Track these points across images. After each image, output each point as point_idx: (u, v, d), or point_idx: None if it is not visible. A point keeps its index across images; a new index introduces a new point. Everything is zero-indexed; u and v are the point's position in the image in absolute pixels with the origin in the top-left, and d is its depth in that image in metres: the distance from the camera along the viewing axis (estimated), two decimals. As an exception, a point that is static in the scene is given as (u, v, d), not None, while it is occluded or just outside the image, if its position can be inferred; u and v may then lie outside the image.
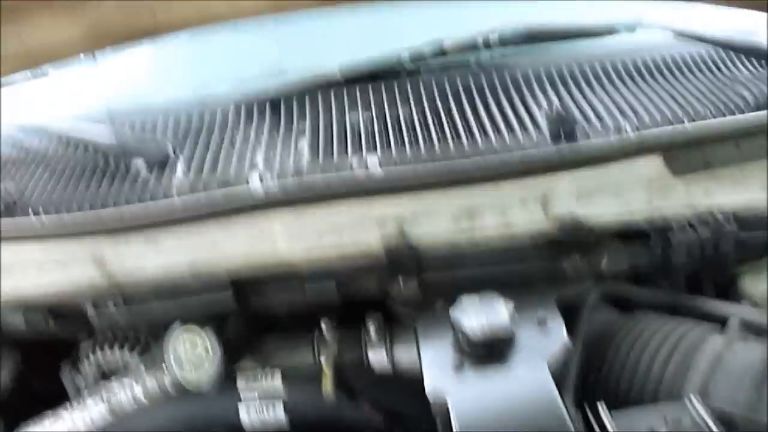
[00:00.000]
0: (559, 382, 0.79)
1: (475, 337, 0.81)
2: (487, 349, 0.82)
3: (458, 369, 0.82)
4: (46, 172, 1.10)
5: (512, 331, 0.82)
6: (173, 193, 0.98)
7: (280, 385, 0.97)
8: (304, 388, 0.96)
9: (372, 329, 0.97)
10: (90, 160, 1.09)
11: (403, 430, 0.99)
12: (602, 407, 0.75)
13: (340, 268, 0.94)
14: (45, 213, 1.00)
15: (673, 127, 0.98)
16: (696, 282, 1.02)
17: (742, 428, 0.74)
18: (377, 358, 0.97)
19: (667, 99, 1.06)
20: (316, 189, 0.93)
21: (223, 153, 1.06)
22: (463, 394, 0.78)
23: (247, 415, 0.94)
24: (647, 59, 1.16)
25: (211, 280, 0.95)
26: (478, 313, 0.83)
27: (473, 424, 0.75)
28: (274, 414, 0.94)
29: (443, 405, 0.78)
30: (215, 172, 1.01)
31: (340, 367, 0.97)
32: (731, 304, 0.94)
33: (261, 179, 0.97)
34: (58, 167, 1.10)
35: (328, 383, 0.96)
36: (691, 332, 0.86)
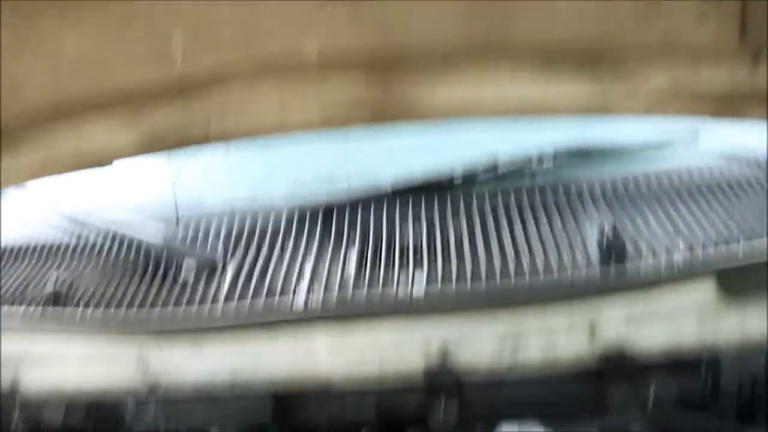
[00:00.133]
0: None
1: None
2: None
3: None
4: (96, 265, 1.12)
5: None
6: (220, 300, 0.98)
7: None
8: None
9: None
10: (141, 257, 1.11)
11: None
12: None
13: (380, 386, 0.93)
14: (93, 307, 1.01)
15: (727, 248, 0.95)
16: (748, 412, 0.98)
17: None
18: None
19: (720, 217, 1.03)
20: (360, 306, 0.92)
21: (273, 261, 1.06)
22: None
23: None
24: (700, 176, 1.14)
25: (251, 390, 0.94)
26: (517, 441, 0.81)
27: None
28: None
29: None
30: (263, 280, 1.01)
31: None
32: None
33: (307, 292, 0.96)
34: (109, 261, 1.12)
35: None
36: None
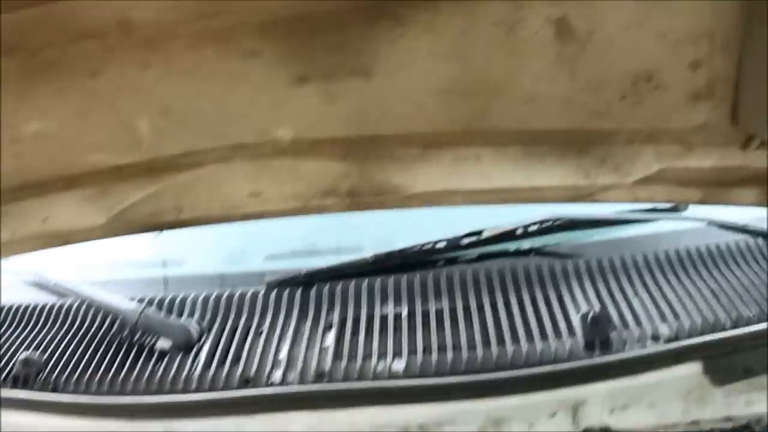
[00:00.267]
0: None
1: None
2: None
3: None
4: (69, 336, 1.08)
5: None
6: (193, 384, 0.96)
7: None
8: None
9: None
10: (116, 333, 1.07)
11: None
12: None
13: None
14: (64, 387, 0.99)
15: (713, 335, 0.94)
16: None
17: None
18: None
19: (707, 297, 1.01)
20: (337, 394, 0.90)
21: (248, 343, 1.02)
22: None
23: None
24: (686, 249, 1.11)
25: None
26: None
27: None
28: None
29: None
30: (238, 364, 0.97)
31: None
32: None
33: (283, 379, 0.94)
34: (82, 333, 1.08)
35: None
36: None
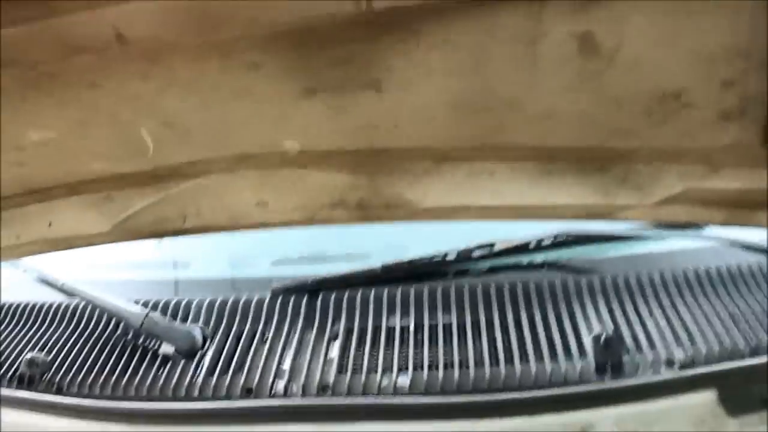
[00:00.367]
0: None
1: None
2: None
3: None
4: (74, 337, 1.08)
5: None
6: (195, 392, 0.94)
7: None
8: None
9: None
10: (120, 336, 1.06)
11: None
12: None
13: None
14: (68, 389, 0.99)
15: (730, 362, 0.91)
16: None
17: None
18: None
19: (725, 321, 0.97)
20: (340, 409, 0.88)
21: (252, 351, 1.00)
22: None
23: None
24: (706, 268, 1.07)
25: None
26: None
27: None
28: None
29: None
30: (241, 373, 0.96)
31: None
32: None
33: (285, 391, 0.92)
34: (87, 335, 1.08)
35: None
36: None
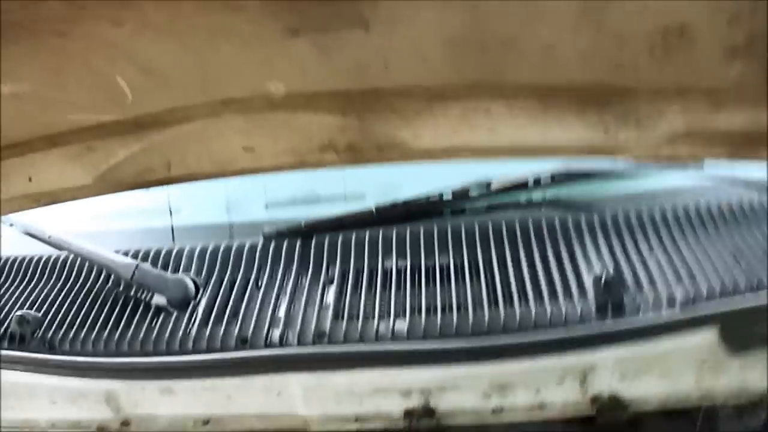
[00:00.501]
0: None
1: None
2: None
3: None
4: (64, 292, 1.05)
5: None
6: (190, 344, 0.93)
7: None
8: None
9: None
10: (111, 289, 1.04)
11: None
12: None
13: (358, 430, 0.89)
14: (60, 346, 0.97)
15: (731, 299, 0.89)
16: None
17: None
18: None
19: (725, 258, 0.94)
20: (337, 356, 0.87)
21: (246, 299, 0.98)
22: None
23: None
24: (707, 205, 1.04)
25: None
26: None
27: None
28: None
29: None
30: (235, 322, 0.94)
31: None
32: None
33: (281, 340, 0.91)
34: (77, 289, 1.05)
35: None
36: None
